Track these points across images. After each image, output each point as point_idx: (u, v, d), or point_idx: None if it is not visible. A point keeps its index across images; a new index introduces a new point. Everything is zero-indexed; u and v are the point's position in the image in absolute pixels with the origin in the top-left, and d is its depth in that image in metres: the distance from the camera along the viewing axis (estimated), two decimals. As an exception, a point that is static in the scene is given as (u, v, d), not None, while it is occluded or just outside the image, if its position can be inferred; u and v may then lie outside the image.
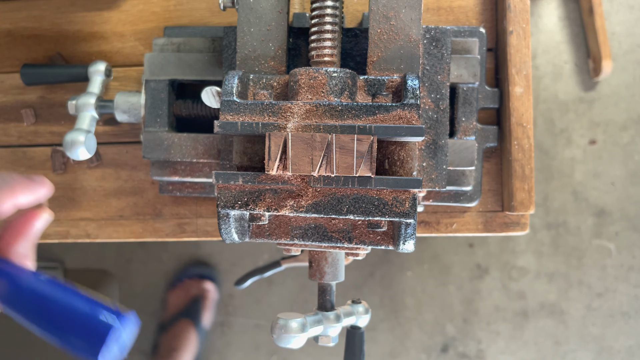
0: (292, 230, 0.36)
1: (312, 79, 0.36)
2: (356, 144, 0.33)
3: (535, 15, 1.40)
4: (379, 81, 0.38)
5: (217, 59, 0.48)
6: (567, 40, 1.40)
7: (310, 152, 0.33)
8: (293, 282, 1.44)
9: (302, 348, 0.40)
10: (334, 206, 0.35)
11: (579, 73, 1.40)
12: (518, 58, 0.49)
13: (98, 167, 0.55)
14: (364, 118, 0.34)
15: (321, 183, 0.34)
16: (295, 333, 0.39)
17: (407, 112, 0.35)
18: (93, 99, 0.49)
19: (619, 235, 1.39)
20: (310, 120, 0.35)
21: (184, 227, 0.54)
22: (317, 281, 0.44)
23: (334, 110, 0.35)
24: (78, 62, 0.55)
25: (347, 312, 0.45)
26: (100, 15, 0.55)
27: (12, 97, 0.56)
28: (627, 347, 1.43)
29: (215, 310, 1.47)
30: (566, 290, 1.42)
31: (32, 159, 0.56)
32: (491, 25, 0.52)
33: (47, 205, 0.35)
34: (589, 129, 1.41)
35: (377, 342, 1.45)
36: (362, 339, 0.48)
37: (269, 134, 0.34)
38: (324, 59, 0.39)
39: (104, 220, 0.54)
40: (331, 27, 0.39)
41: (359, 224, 0.37)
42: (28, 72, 0.53)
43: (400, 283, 1.45)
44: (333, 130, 0.34)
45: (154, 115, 0.48)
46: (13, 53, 0.56)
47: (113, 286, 1.48)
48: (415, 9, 0.38)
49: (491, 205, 0.52)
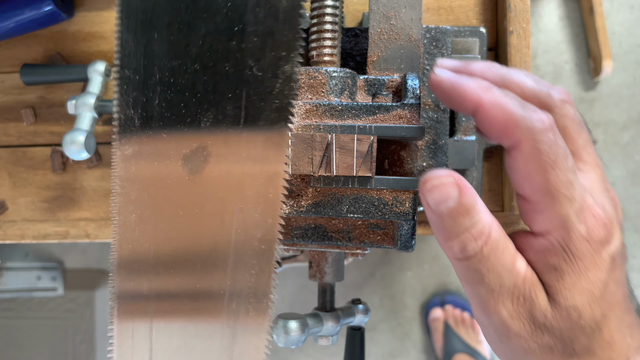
0: (292, 231, 0.36)
1: (312, 79, 0.36)
2: (356, 144, 0.33)
3: (535, 15, 1.40)
4: (379, 81, 0.37)
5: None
6: (567, 40, 1.40)
7: (310, 152, 0.33)
8: (293, 282, 1.44)
9: (302, 348, 0.40)
10: (334, 206, 0.34)
11: (579, 73, 1.40)
12: (518, 58, 0.49)
13: (98, 167, 0.55)
14: (364, 118, 0.34)
15: (321, 183, 0.34)
16: (295, 333, 0.38)
17: (407, 112, 0.34)
18: (93, 99, 0.49)
19: (619, 235, 1.39)
20: (310, 120, 0.35)
21: (183, 227, 0.54)
22: (317, 281, 0.43)
23: (334, 110, 0.35)
24: (78, 62, 0.55)
25: (347, 312, 0.45)
26: (100, 15, 0.55)
27: (12, 97, 0.56)
28: (627, 347, 1.42)
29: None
30: (566, 290, 1.42)
31: (32, 159, 0.56)
32: (491, 25, 0.52)
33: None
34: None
35: (377, 342, 1.45)
36: (362, 339, 0.48)
37: (269, 134, 0.34)
38: (323, 58, 0.39)
39: (104, 220, 0.54)
40: (331, 26, 0.39)
41: (359, 224, 0.37)
42: (28, 72, 0.53)
43: (400, 283, 1.45)
44: (333, 130, 0.34)
45: (154, 115, 0.48)
46: (13, 53, 0.56)
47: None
48: (416, 9, 0.37)
49: (491, 206, 0.52)
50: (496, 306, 0.28)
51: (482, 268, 0.28)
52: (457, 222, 0.28)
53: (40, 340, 1.46)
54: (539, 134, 0.27)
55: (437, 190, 0.28)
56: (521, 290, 0.28)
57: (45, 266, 1.45)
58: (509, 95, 0.28)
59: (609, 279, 0.28)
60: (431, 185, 0.28)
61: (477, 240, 0.27)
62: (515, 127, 0.27)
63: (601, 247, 0.27)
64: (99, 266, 1.49)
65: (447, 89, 0.30)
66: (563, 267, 0.27)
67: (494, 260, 0.28)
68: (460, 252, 0.28)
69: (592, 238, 0.27)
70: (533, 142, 0.27)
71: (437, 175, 0.28)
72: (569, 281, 0.27)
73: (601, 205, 0.28)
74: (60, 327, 1.46)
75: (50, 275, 1.45)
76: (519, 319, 0.28)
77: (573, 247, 0.27)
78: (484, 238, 0.27)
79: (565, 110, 0.29)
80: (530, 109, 0.27)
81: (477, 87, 0.28)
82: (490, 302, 0.28)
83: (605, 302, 0.28)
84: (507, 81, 0.30)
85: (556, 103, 0.29)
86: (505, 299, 0.28)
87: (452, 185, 0.27)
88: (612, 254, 0.28)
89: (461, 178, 0.28)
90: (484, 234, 0.27)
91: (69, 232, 0.55)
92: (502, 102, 0.27)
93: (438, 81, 0.31)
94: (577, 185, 0.27)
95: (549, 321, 0.28)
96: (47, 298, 1.45)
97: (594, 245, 0.27)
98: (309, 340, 0.41)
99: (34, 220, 0.55)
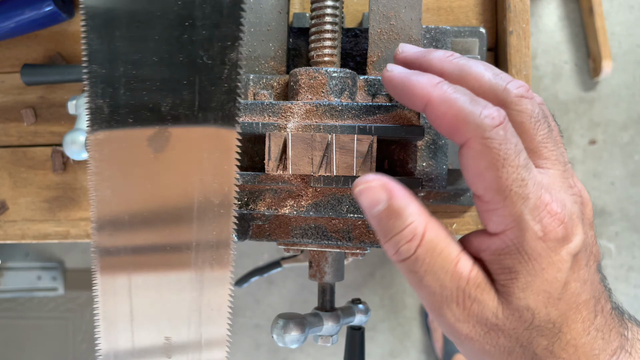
0: (292, 231, 0.36)
1: (312, 79, 0.36)
2: (356, 144, 0.33)
3: (535, 15, 1.40)
4: (379, 81, 0.38)
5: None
6: (567, 40, 1.40)
7: (310, 152, 0.33)
8: (293, 282, 1.44)
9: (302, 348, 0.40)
10: (334, 206, 0.35)
11: (579, 73, 1.40)
12: (518, 58, 0.49)
13: (98, 167, 0.55)
14: (364, 118, 0.34)
15: (321, 183, 0.34)
16: (295, 333, 0.39)
17: (407, 112, 0.35)
18: (93, 99, 0.49)
19: (619, 235, 1.39)
20: (310, 120, 0.35)
21: (184, 227, 0.54)
22: (317, 281, 0.44)
23: (334, 110, 0.35)
24: (78, 62, 0.55)
25: (347, 312, 0.45)
26: (100, 15, 0.55)
27: (12, 97, 0.56)
28: (627, 347, 1.42)
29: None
30: (566, 290, 1.42)
31: (32, 159, 0.56)
32: (491, 25, 0.52)
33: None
34: (589, 129, 1.41)
35: (377, 342, 1.45)
36: (362, 339, 0.48)
37: (269, 134, 0.34)
38: (324, 59, 0.39)
39: (104, 220, 0.55)
40: (331, 27, 0.39)
41: (359, 224, 0.37)
42: (28, 72, 0.53)
43: (400, 283, 1.45)
44: (333, 130, 0.34)
45: (154, 115, 0.48)
46: (13, 53, 0.56)
47: (113, 286, 1.48)
48: (416, 9, 0.38)
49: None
50: (441, 310, 0.28)
51: (419, 270, 0.28)
52: (388, 225, 0.28)
53: (40, 340, 1.46)
54: (488, 131, 0.26)
55: (366, 194, 0.28)
56: (466, 292, 0.27)
57: (46, 266, 1.45)
58: (459, 91, 0.28)
59: (570, 278, 0.27)
60: (358, 190, 0.28)
61: (409, 242, 0.27)
62: (463, 124, 0.27)
63: (559, 246, 0.26)
64: (99, 266, 1.49)
65: (397, 85, 0.30)
66: (517, 268, 0.27)
67: (430, 261, 0.27)
68: (395, 254, 0.28)
69: (548, 237, 0.26)
70: (482, 140, 0.26)
71: (365, 180, 0.28)
72: (523, 282, 0.27)
73: (560, 202, 0.27)
74: (60, 327, 1.46)
75: (51, 275, 1.45)
76: (467, 321, 0.27)
77: (527, 247, 0.26)
78: (417, 240, 0.27)
79: (521, 105, 0.29)
80: (480, 104, 0.27)
81: (427, 83, 0.28)
82: (435, 305, 0.28)
83: (565, 302, 0.27)
84: (465, 73, 0.29)
85: (512, 98, 0.29)
86: (449, 302, 0.27)
87: (380, 189, 0.28)
88: (574, 253, 0.27)
89: (391, 182, 0.28)
90: (416, 236, 0.27)
91: (70, 232, 0.55)
92: (450, 98, 0.27)
93: (389, 77, 0.30)
94: (531, 183, 0.26)
95: (501, 322, 0.27)
96: (47, 298, 1.46)
97: (550, 245, 0.26)
98: (309, 340, 0.41)
99: (34, 220, 0.55)
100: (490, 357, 0.28)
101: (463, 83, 0.29)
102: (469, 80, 0.29)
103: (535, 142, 0.29)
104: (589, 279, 0.28)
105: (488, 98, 0.28)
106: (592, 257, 0.29)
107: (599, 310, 0.28)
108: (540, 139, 0.29)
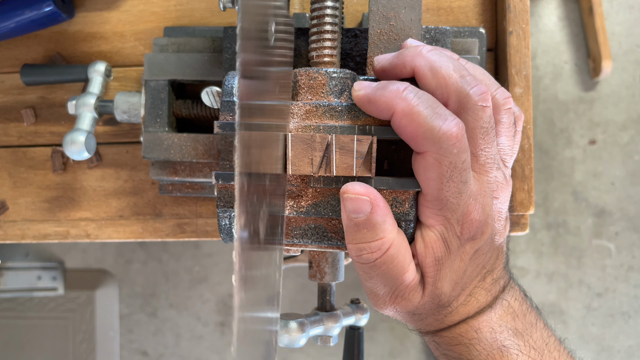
0: (291, 231, 0.36)
1: (312, 80, 0.36)
2: (356, 144, 0.33)
3: (535, 15, 1.40)
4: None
5: (217, 59, 0.48)
6: (567, 40, 1.40)
7: (310, 153, 0.33)
8: (293, 282, 1.44)
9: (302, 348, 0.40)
10: (333, 207, 0.35)
11: (579, 73, 1.40)
12: (518, 58, 0.49)
13: (98, 167, 0.55)
14: (363, 118, 0.34)
15: (321, 183, 0.34)
16: (295, 333, 0.39)
17: (407, 112, 0.35)
18: (93, 99, 0.49)
19: (618, 235, 1.39)
20: (310, 120, 0.35)
21: (183, 227, 0.54)
22: (317, 281, 0.44)
23: (334, 111, 0.35)
24: (78, 62, 0.55)
25: (347, 312, 0.45)
26: (100, 15, 0.55)
27: (12, 97, 0.56)
28: (627, 347, 1.43)
29: (215, 310, 1.47)
30: (566, 290, 1.42)
31: (33, 159, 0.56)
32: (491, 25, 0.52)
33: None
34: (588, 129, 1.41)
35: (377, 342, 1.45)
36: (361, 339, 0.48)
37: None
38: (323, 59, 0.39)
39: (104, 220, 0.55)
40: (331, 27, 0.39)
41: (359, 224, 0.37)
42: (28, 72, 0.53)
43: (400, 283, 1.44)
44: (333, 130, 0.34)
45: (154, 115, 0.48)
46: (13, 53, 0.56)
47: (113, 286, 1.48)
48: (415, 10, 0.38)
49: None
50: (377, 301, 0.35)
51: (371, 273, 0.33)
52: (361, 233, 0.32)
53: (40, 340, 1.46)
54: (444, 150, 0.30)
55: (352, 202, 0.32)
56: (400, 294, 0.34)
57: (46, 266, 1.45)
58: (422, 102, 0.31)
59: (467, 266, 0.34)
60: (347, 197, 0.32)
61: (372, 253, 0.32)
62: (422, 139, 0.30)
63: (466, 243, 0.33)
64: (99, 266, 1.49)
65: (364, 104, 0.33)
66: (443, 260, 0.33)
67: (384, 270, 0.33)
68: (355, 256, 0.33)
69: (462, 236, 0.32)
70: (437, 156, 0.30)
71: (356, 191, 0.32)
72: (443, 273, 0.33)
73: (481, 208, 0.32)
74: (60, 327, 1.46)
75: (51, 275, 1.45)
76: (393, 310, 0.35)
77: (449, 242, 0.32)
78: (379, 253, 0.32)
79: (477, 114, 0.32)
80: (441, 117, 0.30)
81: (390, 97, 0.31)
82: (374, 299, 0.35)
83: (460, 285, 0.34)
84: (435, 72, 0.32)
85: (471, 105, 0.31)
86: (385, 300, 0.35)
87: (366, 203, 0.31)
88: (477, 248, 0.33)
89: (378, 197, 0.32)
90: (381, 250, 0.32)
91: (69, 232, 0.55)
92: (412, 112, 0.30)
93: (356, 97, 0.33)
94: (465, 195, 0.31)
95: (419, 309, 0.35)
96: (47, 298, 1.46)
97: (462, 242, 0.32)
98: (309, 340, 0.41)
99: (34, 220, 0.55)
100: (401, 319, 0.37)
101: (434, 80, 0.32)
102: (438, 78, 0.32)
103: (478, 148, 0.32)
104: (482, 262, 0.35)
105: (452, 98, 0.32)
106: (493, 247, 0.35)
107: (483, 278, 0.35)
108: (483, 146, 0.33)
